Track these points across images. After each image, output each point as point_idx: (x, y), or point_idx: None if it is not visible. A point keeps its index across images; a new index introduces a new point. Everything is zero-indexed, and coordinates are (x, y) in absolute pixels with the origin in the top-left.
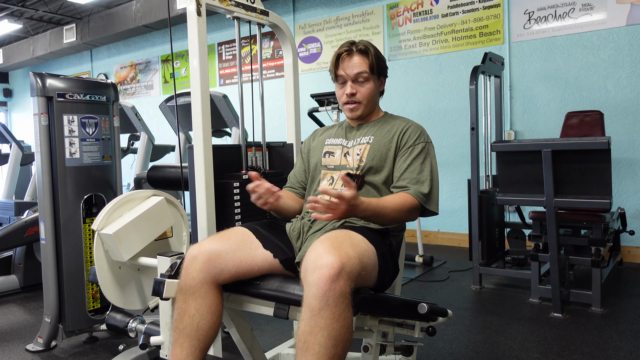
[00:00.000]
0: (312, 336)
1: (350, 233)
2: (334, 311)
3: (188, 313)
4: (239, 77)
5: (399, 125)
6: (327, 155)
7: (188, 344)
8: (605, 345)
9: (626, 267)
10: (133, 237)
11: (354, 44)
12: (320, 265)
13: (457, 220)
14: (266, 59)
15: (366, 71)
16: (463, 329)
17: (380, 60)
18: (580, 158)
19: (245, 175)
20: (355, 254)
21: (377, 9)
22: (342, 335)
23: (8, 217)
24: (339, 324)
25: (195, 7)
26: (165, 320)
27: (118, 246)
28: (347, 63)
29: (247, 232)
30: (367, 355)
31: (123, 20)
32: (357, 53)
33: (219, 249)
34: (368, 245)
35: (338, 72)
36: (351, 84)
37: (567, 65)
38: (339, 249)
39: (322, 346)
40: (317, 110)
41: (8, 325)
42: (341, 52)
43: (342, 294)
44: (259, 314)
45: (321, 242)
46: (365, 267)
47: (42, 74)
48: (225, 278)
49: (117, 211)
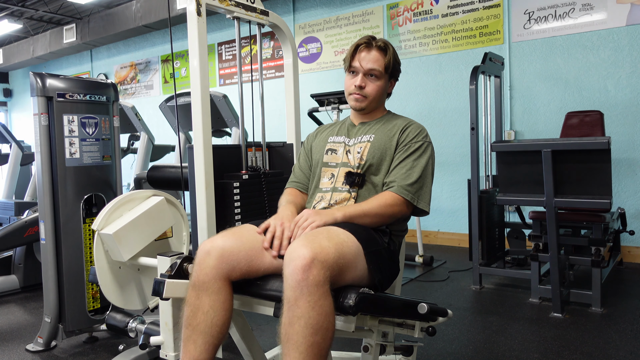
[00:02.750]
0: (291, 327)
1: (330, 228)
2: (309, 299)
3: (202, 309)
4: (239, 77)
5: (400, 124)
6: (329, 153)
7: (202, 340)
8: (605, 345)
9: (626, 267)
10: (133, 237)
11: (374, 39)
12: (293, 257)
13: (457, 220)
14: (266, 59)
15: (380, 69)
16: (463, 329)
17: (396, 63)
18: (580, 158)
19: (246, 176)
20: (331, 244)
21: (377, 9)
22: (321, 324)
23: (8, 217)
24: (315, 312)
25: (195, 7)
26: (165, 320)
27: (118, 246)
28: (364, 55)
29: (256, 230)
30: (367, 355)
31: (123, 20)
32: (376, 49)
33: (232, 245)
34: (348, 237)
35: (353, 62)
36: (362, 76)
37: (567, 65)
38: (312, 242)
39: (301, 335)
40: (317, 110)
41: (8, 325)
42: (360, 44)
43: (316, 282)
44: (259, 314)
45: (298, 238)
46: (345, 255)
47: (42, 74)
48: (237, 275)
49: (117, 211)
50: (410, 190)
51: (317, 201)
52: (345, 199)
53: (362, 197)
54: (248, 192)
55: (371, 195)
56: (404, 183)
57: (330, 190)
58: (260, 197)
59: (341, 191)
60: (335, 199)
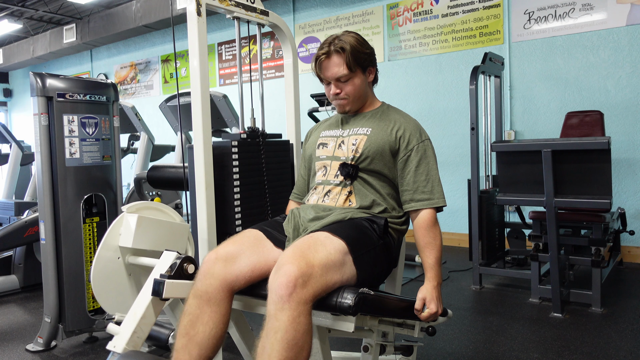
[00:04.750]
0: (267, 339)
1: (318, 238)
2: (288, 315)
3: (201, 320)
4: (239, 77)
5: (398, 124)
6: (320, 147)
7: (197, 352)
8: (605, 345)
9: (626, 267)
10: (149, 233)
11: (331, 44)
12: (280, 274)
13: (457, 220)
14: (266, 59)
15: (345, 71)
16: (463, 329)
17: (360, 54)
18: (580, 158)
19: (244, 135)
20: (318, 259)
21: (377, 9)
22: (296, 340)
23: (8, 217)
24: (293, 328)
25: (195, 7)
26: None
27: (135, 230)
28: (325, 65)
29: (258, 233)
30: (367, 355)
31: (123, 20)
32: (335, 54)
33: (235, 251)
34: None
35: (320, 74)
36: (335, 83)
37: (567, 65)
38: (300, 258)
39: (275, 348)
40: (317, 110)
41: (8, 325)
42: (319, 56)
43: (298, 300)
44: (259, 314)
45: (288, 250)
46: (331, 268)
47: (42, 74)
48: (240, 284)
49: (148, 210)
50: (436, 197)
51: (311, 195)
52: (338, 192)
53: (357, 189)
54: (246, 154)
55: (365, 188)
56: (432, 197)
57: (323, 183)
58: (259, 159)
59: (333, 184)
60: (327, 191)
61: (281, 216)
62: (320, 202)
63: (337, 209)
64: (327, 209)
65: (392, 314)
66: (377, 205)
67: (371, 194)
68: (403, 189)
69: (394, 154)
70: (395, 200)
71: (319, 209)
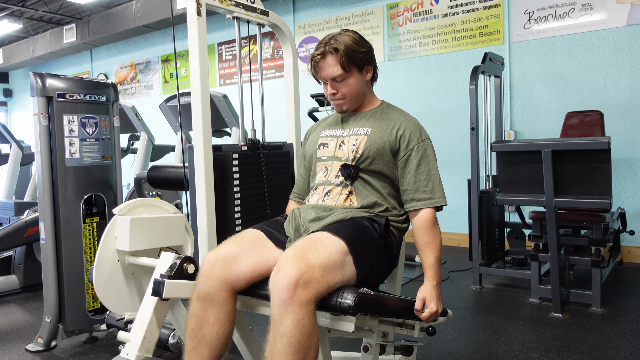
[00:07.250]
0: (274, 344)
1: (318, 238)
2: (292, 318)
3: (207, 321)
4: (239, 77)
5: (399, 123)
6: (321, 147)
7: (208, 352)
8: (605, 345)
9: (626, 267)
10: (144, 233)
11: (327, 44)
12: (280, 276)
13: (457, 220)
14: (266, 59)
15: (340, 71)
16: (463, 329)
17: (355, 53)
18: (580, 158)
19: (244, 147)
20: (318, 260)
21: (377, 9)
22: (303, 342)
23: (8, 217)
24: (298, 331)
25: (195, 7)
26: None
27: (129, 233)
28: (321, 65)
29: (258, 233)
30: (367, 355)
31: (123, 20)
32: (329, 54)
33: (235, 251)
34: (336, 247)
35: (316, 75)
36: (331, 83)
37: (567, 65)
38: (300, 259)
39: (282, 353)
40: (317, 110)
41: (8, 325)
42: (314, 57)
43: (300, 302)
44: (259, 314)
45: (288, 251)
46: (332, 268)
47: (42, 74)
48: (241, 284)
49: (140, 208)
50: (437, 197)
51: (311, 195)
52: (338, 192)
53: (357, 189)
54: (247, 165)
55: (366, 189)
56: (433, 196)
57: (324, 184)
58: (259, 170)
59: (334, 184)
60: (327, 191)
61: (282, 216)
62: (320, 202)
63: (338, 208)
64: (328, 209)
65: (392, 314)
66: (378, 205)
67: (372, 194)
68: (404, 189)
69: (395, 153)
70: (396, 200)
71: (320, 209)
